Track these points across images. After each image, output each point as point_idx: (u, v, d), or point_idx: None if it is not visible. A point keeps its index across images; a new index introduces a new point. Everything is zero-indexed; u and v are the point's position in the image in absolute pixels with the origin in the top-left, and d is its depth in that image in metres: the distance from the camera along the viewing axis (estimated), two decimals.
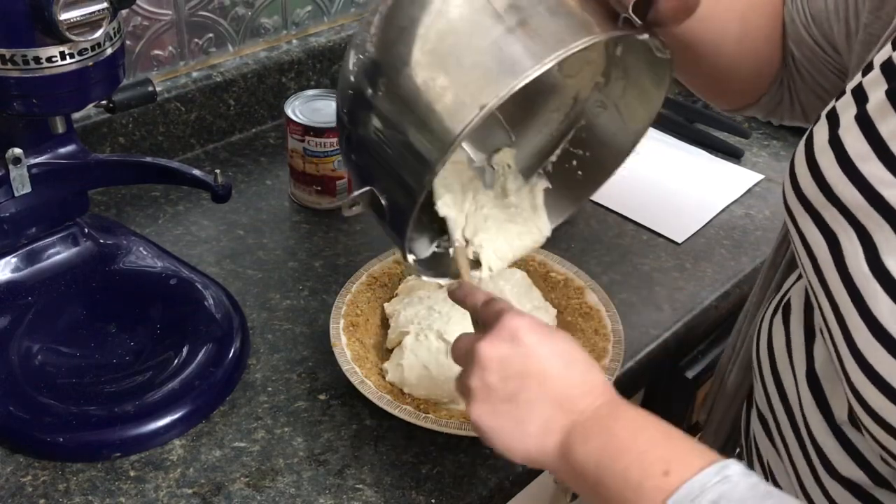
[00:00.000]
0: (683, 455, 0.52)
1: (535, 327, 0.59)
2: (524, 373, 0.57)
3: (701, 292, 0.95)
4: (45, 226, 0.85)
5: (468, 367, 0.60)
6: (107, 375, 0.77)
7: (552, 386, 0.57)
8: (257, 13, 1.11)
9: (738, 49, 0.74)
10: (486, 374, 0.58)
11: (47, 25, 0.65)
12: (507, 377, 0.57)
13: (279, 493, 0.71)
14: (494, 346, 0.58)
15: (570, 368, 0.58)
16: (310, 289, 0.91)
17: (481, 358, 0.58)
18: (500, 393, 0.57)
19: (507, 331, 0.58)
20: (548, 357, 0.58)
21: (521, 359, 0.58)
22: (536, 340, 0.58)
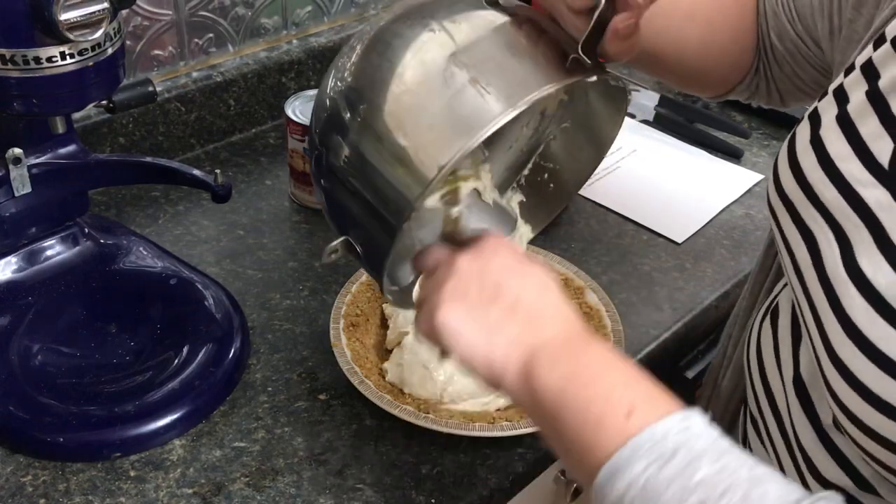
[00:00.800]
0: (649, 399, 0.50)
1: (516, 250, 0.59)
2: (501, 285, 0.56)
3: (701, 292, 0.95)
4: (45, 226, 0.85)
5: (442, 274, 0.58)
6: (107, 375, 0.77)
7: (527, 304, 0.56)
8: (257, 13, 1.11)
9: (705, 50, 0.75)
10: (462, 280, 0.57)
11: (47, 25, 0.65)
12: (483, 286, 0.56)
13: (279, 493, 0.71)
14: (476, 257, 0.57)
15: (546, 293, 0.57)
16: (310, 289, 0.91)
17: (459, 266, 0.57)
18: (473, 299, 0.56)
19: (489, 246, 0.58)
20: (525, 277, 0.57)
21: (500, 272, 0.57)
22: (517, 263, 0.58)
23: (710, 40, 0.75)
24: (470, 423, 0.74)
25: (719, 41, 0.76)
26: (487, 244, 0.59)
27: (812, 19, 0.70)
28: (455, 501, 0.72)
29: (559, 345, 0.54)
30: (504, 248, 0.59)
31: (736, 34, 0.77)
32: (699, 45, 0.75)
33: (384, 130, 0.57)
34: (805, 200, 0.56)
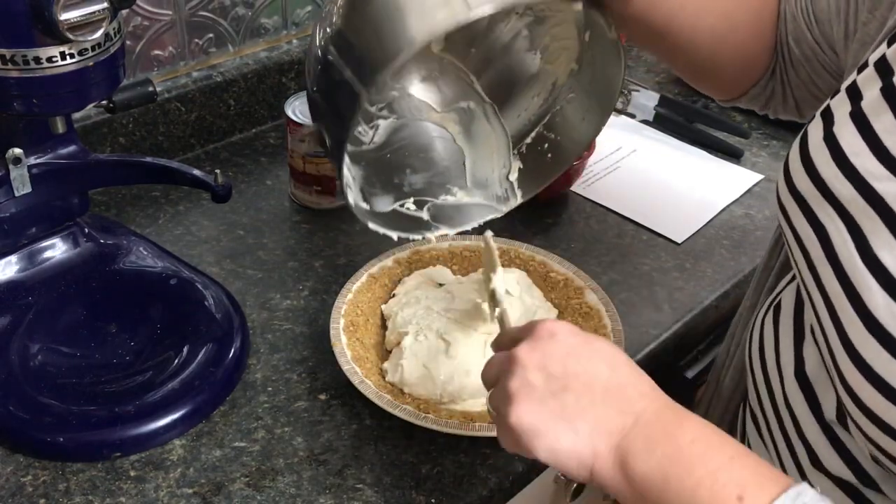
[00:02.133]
0: (757, 478, 0.48)
1: (575, 331, 0.56)
2: (569, 371, 0.53)
3: (701, 292, 0.95)
4: (45, 226, 0.85)
5: (504, 374, 0.55)
6: (107, 375, 0.77)
7: (603, 384, 0.53)
8: (257, 13, 1.12)
9: (720, 43, 0.74)
10: (527, 372, 0.53)
11: (47, 25, 0.65)
12: (550, 375, 0.53)
13: (279, 492, 0.71)
14: (533, 347, 0.54)
15: (618, 369, 0.54)
16: (310, 289, 0.91)
17: (520, 359, 0.54)
18: (544, 390, 0.53)
19: (545, 331, 0.55)
20: (592, 356, 0.54)
21: (565, 357, 0.54)
22: (578, 342, 0.55)
23: (725, 33, 0.74)
24: (470, 423, 0.74)
25: (735, 36, 0.75)
26: (541, 330, 0.55)
27: (829, 23, 0.70)
28: (455, 501, 0.72)
29: (650, 424, 0.51)
30: (560, 329, 0.55)
31: (754, 32, 0.76)
32: (713, 35, 0.73)
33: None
34: (819, 196, 0.55)
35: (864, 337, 0.50)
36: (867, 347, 0.50)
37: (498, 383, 0.56)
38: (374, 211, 0.72)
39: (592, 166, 1.12)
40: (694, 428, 0.51)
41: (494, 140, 0.80)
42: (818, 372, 0.61)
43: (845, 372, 0.52)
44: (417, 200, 0.79)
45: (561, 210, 1.05)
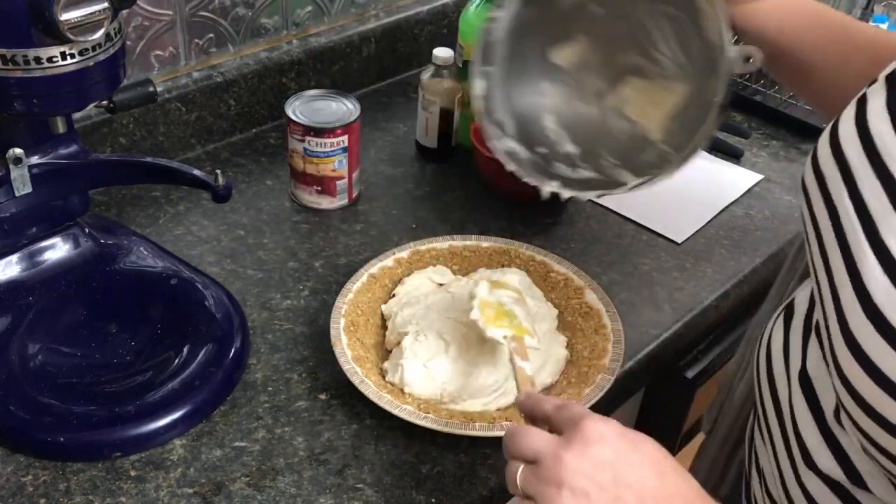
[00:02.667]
0: None
1: (622, 432, 0.55)
2: (620, 481, 0.53)
3: (701, 292, 0.95)
4: (45, 226, 0.85)
5: (551, 474, 0.54)
6: (107, 375, 0.77)
7: (652, 494, 0.53)
8: (258, 13, 1.12)
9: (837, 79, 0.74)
10: (578, 481, 0.53)
11: (48, 26, 0.65)
12: (601, 485, 0.53)
13: (279, 492, 0.71)
14: (583, 452, 0.53)
15: (667, 478, 0.54)
16: (310, 289, 0.91)
17: (569, 465, 0.53)
18: (597, 502, 0.52)
19: (594, 435, 0.54)
20: (641, 464, 0.54)
21: (615, 464, 0.53)
22: (627, 447, 0.54)
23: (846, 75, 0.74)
24: (470, 423, 0.74)
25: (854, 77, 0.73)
26: (589, 431, 0.54)
27: None
28: (455, 501, 0.72)
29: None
30: (608, 431, 0.54)
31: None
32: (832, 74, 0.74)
33: None
34: (839, 179, 0.55)
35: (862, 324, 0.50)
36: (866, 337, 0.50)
37: (542, 476, 0.55)
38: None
39: None
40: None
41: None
42: (819, 369, 0.61)
43: (842, 360, 0.52)
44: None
45: (561, 210, 1.05)
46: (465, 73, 1.11)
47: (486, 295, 0.79)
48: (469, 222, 1.02)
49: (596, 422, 0.55)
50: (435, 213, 1.04)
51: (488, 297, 0.79)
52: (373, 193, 1.06)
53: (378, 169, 1.11)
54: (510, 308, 0.79)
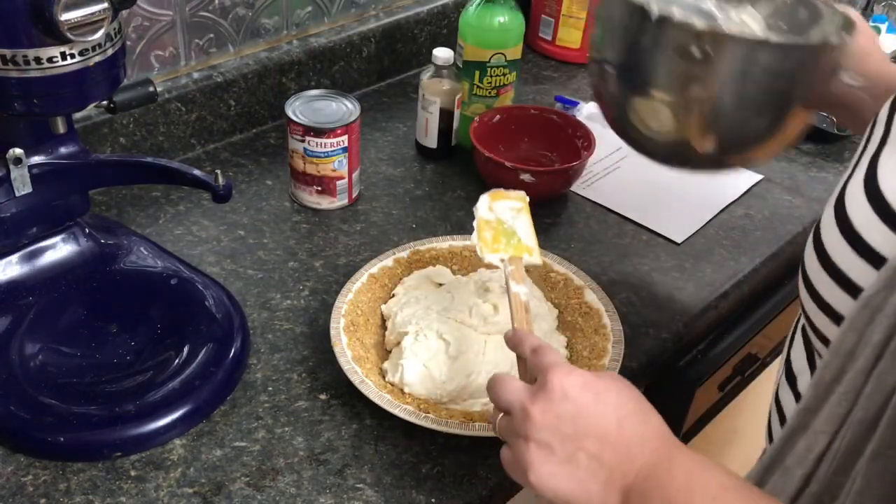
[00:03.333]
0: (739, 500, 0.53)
1: (586, 384, 0.58)
2: (580, 433, 0.57)
3: (701, 292, 0.95)
4: (46, 226, 0.85)
5: (520, 426, 0.59)
6: (107, 375, 0.77)
7: (610, 444, 0.57)
8: (258, 14, 1.12)
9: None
10: (543, 434, 0.57)
11: (48, 26, 0.65)
12: (564, 438, 0.57)
13: (279, 492, 0.71)
14: (546, 408, 0.58)
15: (625, 423, 0.57)
16: (310, 289, 0.91)
17: (535, 420, 0.58)
18: (559, 454, 0.57)
19: (557, 391, 0.58)
20: (602, 414, 0.57)
21: (576, 419, 0.57)
22: (589, 399, 0.58)
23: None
24: (470, 423, 0.74)
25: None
26: (554, 388, 0.58)
27: None
28: (455, 501, 0.72)
29: (646, 479, 0.55)
30: (571, 387, 0.58)
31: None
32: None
33: None
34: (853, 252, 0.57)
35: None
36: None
37: (512, 427, 0.60)
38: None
39: (592, 166, 1.12)
40: (682, 473, 0.55)
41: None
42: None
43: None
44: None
45: (561, 210, 1.05)
46: (465, 72, 1.11)
47: (485, 213, 0.77)
48: (469, 222, 1.02)
49: (562, 374, 0.59)
50: (435, 213, 1.04)
51: (487, 214, 0.77)
52: (373, 193, 1.06)
53: (378, 169, 1.11)
54: (510, 225, 0.77)
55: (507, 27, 1.08)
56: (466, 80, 1.12)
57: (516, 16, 1.10)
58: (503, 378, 0.62)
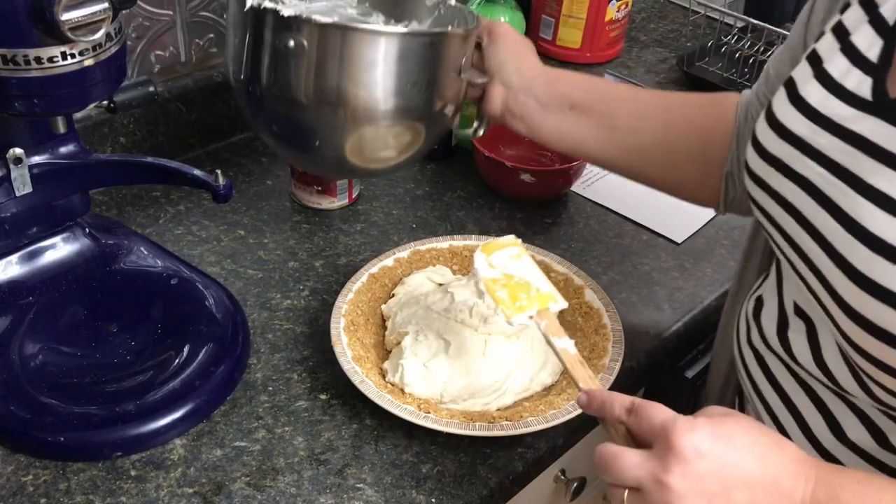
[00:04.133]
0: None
1: (714, 434, 0.53)
2: (728, 486, 0.52)
3: (701, 292, 0.95)
4: (46, 225, 0.85)
5: (658, 499, 0.53)
6: (108, 375, 0.77)
7: (760, 486, 0.53)
8: None
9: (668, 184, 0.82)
10: (688, 501, 0.52)
11: (48, 26, 0.65)
12: (711, 498, 0.52)
13: (280, 492, 0.71)
14: (685, 472, 0.52)
15: (768, 460, 0.53)
16: (310, 289, 0.91)
17: (675, 488, 0.52)
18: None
19: (690, 451, 0.52)
20: (742, 460, 0.53)
21: (718, 473, 0.52)
22: (724, 448, 0.53)
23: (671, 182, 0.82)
24: (470, 423, 0.74)
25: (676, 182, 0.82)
26: (683, 448, 0.53)
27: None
28: (455, 501, 0.72)
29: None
30: (701, 440, 0.53)
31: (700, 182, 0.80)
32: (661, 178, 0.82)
33: None
34: (797, 154, 0.58)
35: (866, 258, 0.52)
36: (873, 268, 0.52)
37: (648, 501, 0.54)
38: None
39: (592, 166, 1.12)
40: (849, 490, 0.53)
41: None
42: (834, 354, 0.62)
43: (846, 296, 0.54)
44: None
45: (561, 210, 1.05)
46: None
47: (487, 272, 0.74)
48: (469, 222, 1.03)
49: (686, 434, 0.53)
50: (435, 213, 1.04)
51: (491, 273, 0.74)
52: (373, 193, 1.06)
53: None
54: (520, 277, 0.73)
55: None
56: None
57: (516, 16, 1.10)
58: (617, 451, 0.55)
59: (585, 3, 1.33)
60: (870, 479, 0.54)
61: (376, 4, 0.87)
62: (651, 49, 1.44)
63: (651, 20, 1.54)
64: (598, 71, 1.34)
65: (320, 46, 0.68)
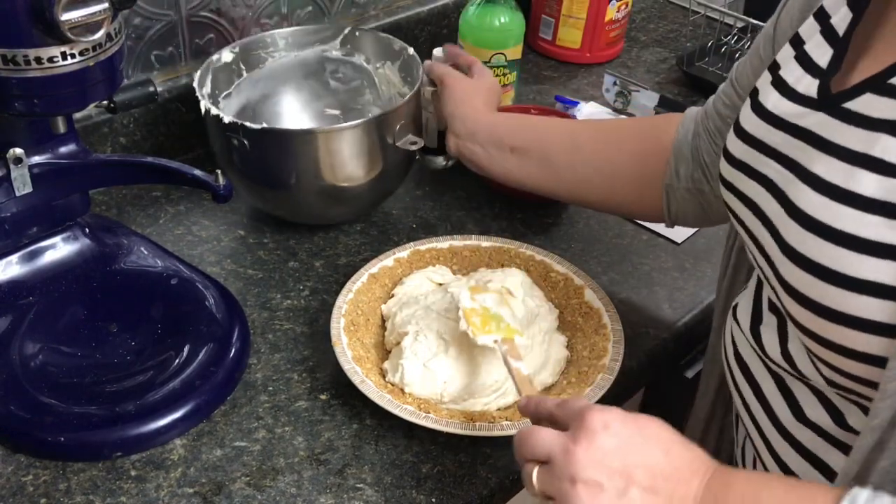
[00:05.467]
0: (808, 501, 0.52)
1: (625, 418, 0.57)
2: (629, 464, 0.55)
3: (701, 292, 0.95)
4: (46, 225, 0.85)
5: (563, 470, 0.56)
6: (108, 375, 0.77)
7: (662, 471, 0.55)
8: (258, 13, 1.12)
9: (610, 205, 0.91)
10: (589, 472, 0.55)
11: (49, 26, 0.66)
12: (612, 473, 0.55)
13: (280, 492, 0.71)
14: (590, 443, 0.56)
15: (672, 453, 0.56)
16: (310, 289, 0.91)
17: (579, 458, 0.55)
18: (610, 491, 0.55)
19: (598, 425, 0.56)
20: (646, 445, 0.56)
21: (622, 450, 0.55)
22: (632, 430, 0.56)
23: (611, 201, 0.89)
24: (470, 423, 0.74)
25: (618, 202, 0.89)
26: (593, 422, 0.56)
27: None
28: (455, 501, 0.72)
29: (703, 498, 0.55)
30: (612, 419, 0.57)
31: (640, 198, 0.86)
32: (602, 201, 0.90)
33: None
34: (755, 154, 0.63)
35: (801, 236, 0.56)
36: (803, 241, 0.56)
37: (555, 473, 0.57)
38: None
39: None
40: (739, 486, 0.55)
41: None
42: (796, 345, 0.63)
43: (784, 273, 0.57)
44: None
45: (561, 210, 1.05)
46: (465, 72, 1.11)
47: (468, 304, 0.79)
48: (469, 222, 1.03)
49: (598, 412, 0.57)
50: (435, 213, 1.04)
51: (471, 304, 0.79)
52: None
53: None
54: (496, 311, 0.79)
55: (507, 27, 1.08)
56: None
57: (516, 16, 1.10)
58: (535, 428, 0.60)
59: (585, 3, 1.33)
60: (761, 475, 0.58)
61: (357, 47, 1.05)
62: (651, 49, 1.44)
63: (651, 20, 1.54)
64: (598, 71, 1.34)
65: (254, 144, 0.88)
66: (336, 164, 0.90)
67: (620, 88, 1.24)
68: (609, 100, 1.25)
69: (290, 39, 1.04)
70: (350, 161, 0.90)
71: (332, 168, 0.90)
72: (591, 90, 1.31)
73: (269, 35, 1.03)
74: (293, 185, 0.92)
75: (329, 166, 0.90)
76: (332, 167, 0.90)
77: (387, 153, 0.92)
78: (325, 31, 1.05)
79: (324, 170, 0.90)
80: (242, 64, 1.01)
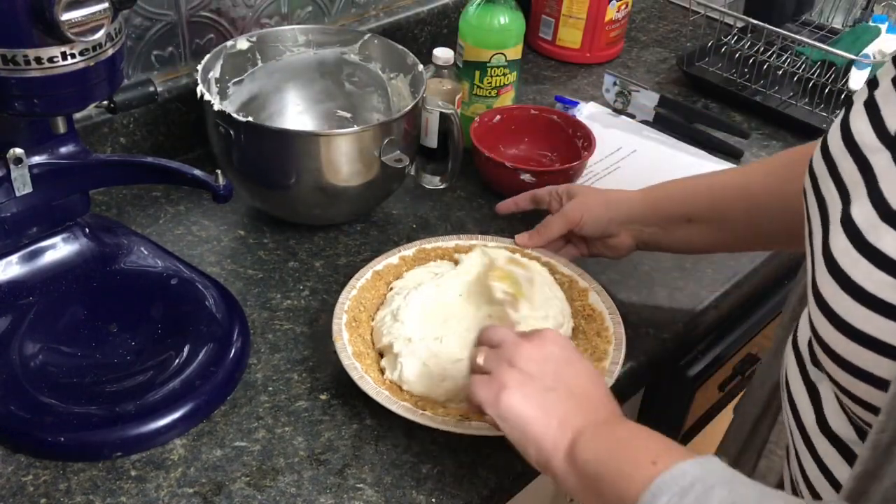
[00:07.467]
0: (670, 451, 0.58)
1: (572, 345, 0.68)
2: (561, 376, 0.65)
3: (701, 292, 0.95)
4: (46, 225, 0.85)
5: (508, 355, 0.66)
6: (108, 375, 0.77)
7: (581, 391, 0.65)
8: (258, 13, 1.12)
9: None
10: (529, 365, 0.65)
11: (49, 26, 0.65)
12: (545, 374, 0.64)
13: (280, 492, 0.71)
14: (538, 346, 0.66)
15: (596, 384, 0.66)
16: (310, 288, 0.91)
17: (524, 353, 0.66)
18: (537, 385, 0.64)
19: (551, 338, 0.67)
20: (579, 368, 0.66)
21: (560, 364, 0.66)
22: (575, 357, 0.67)
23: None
24: (470, 423, 0.74)
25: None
26: (546, 334, 0.67)
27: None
28: (455, 500, 0.72)
29: (599, 426, 0.63)
30: (561, 341, 0.68)
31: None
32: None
33: None
34: (826, 173, 0.61)
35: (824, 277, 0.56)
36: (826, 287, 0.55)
37: (498, 355, 0.67)
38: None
39: (592, 166, 1.12)
40: (631, 428, 0.63)
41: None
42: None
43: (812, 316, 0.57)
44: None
45: None
46: (465, 72, 1.11)
47: (502, 264, 0.85)
48: (469, 222, 1.03)
49: (552, 332, 0.68)
50: (435, 212, 1.04)
51: (505, 265, 0.85)
52: None
53: None
54: (518, 279, 0.83)
55: (507, 27, 1.08)
56: (467, 81, 1.12)
57: (516, 16, 1.10)
58: (500, 325, 0.71)
59: (585, 3, 1.33)
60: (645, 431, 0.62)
61: (374, 55, 1.05)
62: (651, 49, 1.44)
63: (651, 20, 1.54)
64: (598, 71, 1.34)
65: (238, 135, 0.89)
66: (325, 168, 0.91)
67: (620, 88, 1.24)
68: (609, 100, 1.25)
69: (311, 37, 1.04)
70: (343, 166, 0.92)
71: (321, 171, 0.91)
72: (591, 90, 1.31)
73: (289, 29, 1.04)
74: (291, 184, 0.92)
75: (316, 170, 0.91)
76: (320, 170, 0.91)
77: (367, 165, 0.93)
78: (345, 34, 1.05)
79: (324, 170, 0.91)
80: (258, 53, 1.02)
